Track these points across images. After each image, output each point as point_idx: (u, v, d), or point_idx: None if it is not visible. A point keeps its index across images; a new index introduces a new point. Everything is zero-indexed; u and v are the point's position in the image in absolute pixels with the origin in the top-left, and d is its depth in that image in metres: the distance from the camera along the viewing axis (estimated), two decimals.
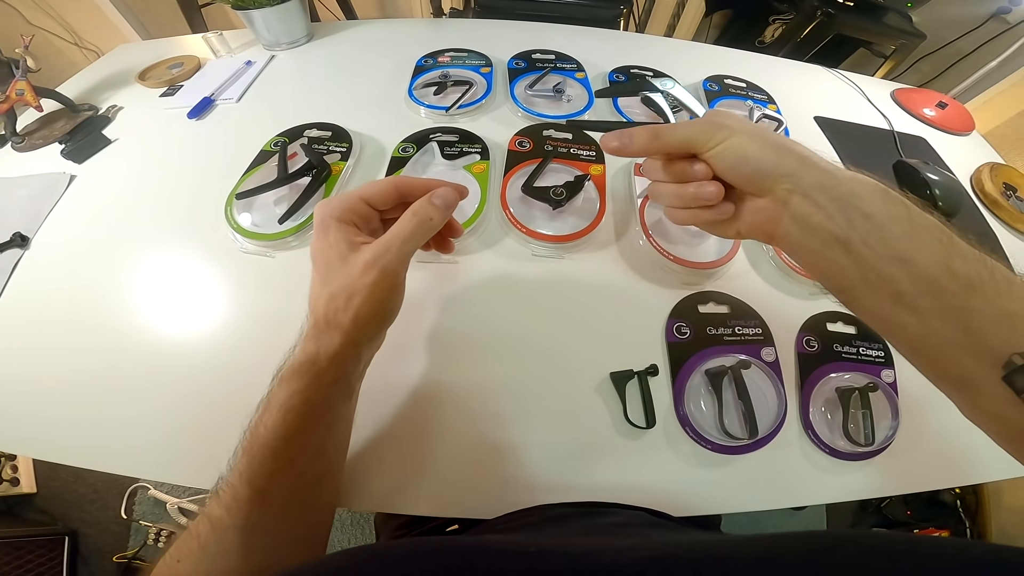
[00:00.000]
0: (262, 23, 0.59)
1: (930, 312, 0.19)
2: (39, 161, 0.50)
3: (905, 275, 0.19)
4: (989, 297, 0.18)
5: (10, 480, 0.91)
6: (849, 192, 0.21)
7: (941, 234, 0.20)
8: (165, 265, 0.41)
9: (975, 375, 0.19)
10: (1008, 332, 0.18)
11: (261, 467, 0.23)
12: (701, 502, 0.31)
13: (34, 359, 0.36)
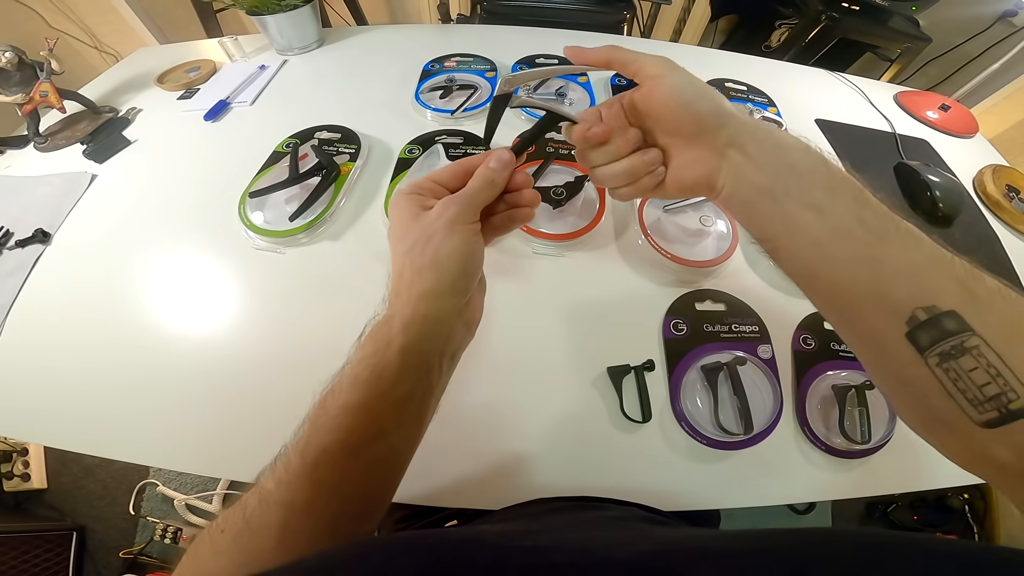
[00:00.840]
0: (275, 28, 0.61)
1: (843, 262, 0.20)
2: (61, 161, 0.52)
3: (821, 224, 0.20)
4: (897, 250, 0.19)
5: (21, 476, 0.93)
6: (776, 144, 0.22)
7: (855, 188, 0.21)
8: (180, 261, 0.42)
9: (882, 331, 0.19)
10: (913, 285, 0.18)
11: (317, 439, 0.22)
12: (696, 496, 0.31)
13: (53, 351, 0.38)
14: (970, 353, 0.17)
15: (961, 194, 0.50)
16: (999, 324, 0.17)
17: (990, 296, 0.18)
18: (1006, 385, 0.16)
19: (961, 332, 0.17)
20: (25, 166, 0.53)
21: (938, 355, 0.17)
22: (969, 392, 0.17)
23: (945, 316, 0.17)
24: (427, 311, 0.23)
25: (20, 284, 0.41)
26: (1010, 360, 0.16)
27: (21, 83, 0.51)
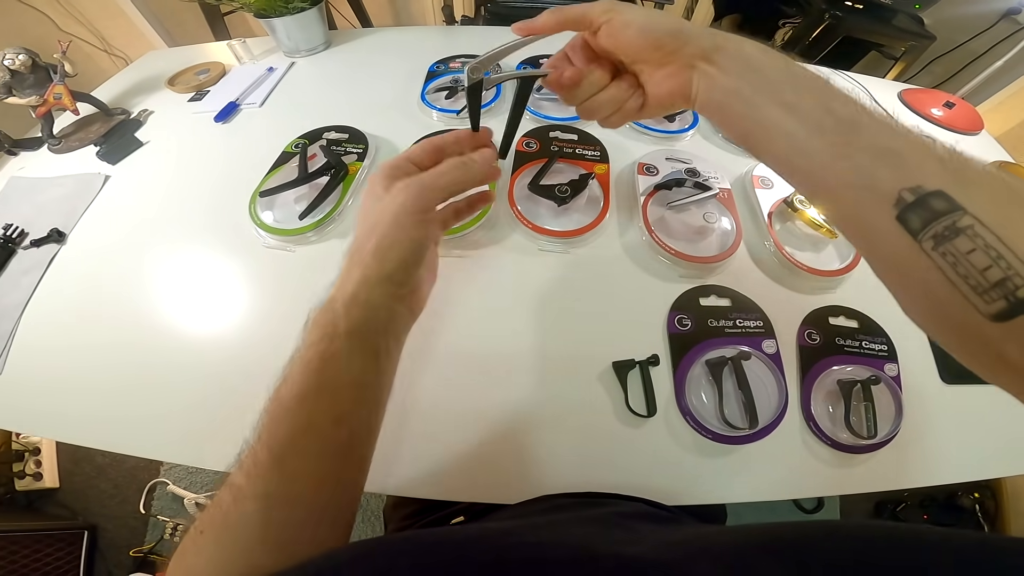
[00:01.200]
0: (283, 31, 0.62)
1: (820, 152, 0.20)
2: (75, 162, 0.54)
3: (792, 118, 0.21)
4: (870, 135, 0.19)
5: (33, 475, 0.94)
6: (739, 50, 0.23)
7: (820, 82, 0.21)
8: (192, 261, 0.43)
9: (871, 218, 0.19)
10: (893, 169, 0.18)
11: (278, 430, 0.22)
12: (701, 491, 0.31)
13: (67, 348, 0.38)
14: (965, 233, 0.16)
15: None
16: (991, 202, 0.16)
17: (977, 176, 0.17)
18: (1009, 268, 0.15)
19: (952, 211, 0.16)
20: (39, 168, 0.54)
21: (932, 238, 0.16)
22: (971, 278, 0.15)
23: (932, 196, 0.16)
24: (367, 297, 0.24)
25: (35, 283, 0.42)
26: (1009, 240, 0.15)
27: (35, 85, 0.52)
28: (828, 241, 0.43)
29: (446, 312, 0.38)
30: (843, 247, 0.43)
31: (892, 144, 0.18)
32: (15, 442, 0.97)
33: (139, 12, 1.04)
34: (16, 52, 0.50)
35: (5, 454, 0.95)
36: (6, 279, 0.43)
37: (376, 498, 0.97)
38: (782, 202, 0.44)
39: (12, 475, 0.94)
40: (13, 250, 0.45)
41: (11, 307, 0.41)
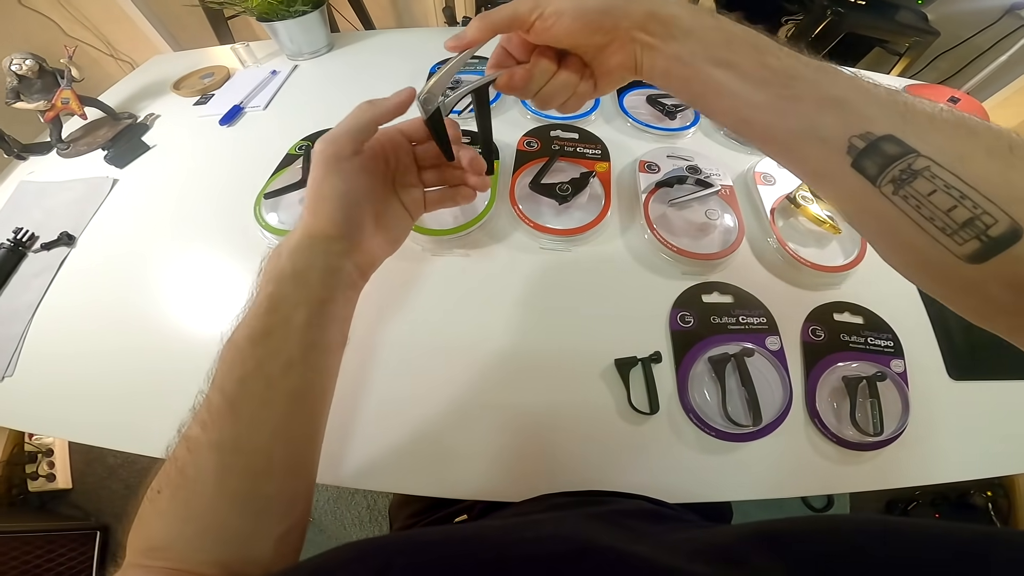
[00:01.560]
0: (285, 34, 0.63)
1: (764, 106, 0.20)
2: (84, 166, 0.54)
3: (732, 76, 0.20)
4: (811, 85, 0.19)
5: (46, 476, 0.95)
6: (670, 15, 0.22)
7: (752, 37, 0.21)
8: (199, 262, 0.44)
9: (828, 167, 0.18)
10: (839, 117, 0.18)
11: (230, 371, 0.22)
12: (704, 488, 0.31)
13: (77, 348, 0.39)
14: (922, 175, 0.15)
15: None
16: (945, 140, 0.16)
17: (926, 116, 0.17)
18: (976, 207, 0.14)
19: (905, 155, 0.16)
20: (49, 172, 0.54)
21: (891, 183, 0.16)
22: (937, 219, 0.15)
23: (883, 140, 0.16)
24: (309, 246, 0.24)
25: (46, 285, 0.43)
26: (969, 177, 0.15)
27: (42, 90, 0.53)
28: (832, 237, 0.43)
29: (448, 311, 0.38)
30: (847, 243, 0.43)
31: (833, 92, 0.18)
32: (28, 444, 0.98)
33: (143, 17, 1.05)
34: (23, 57, 0.51)
35: (18, 455, 0.96)
36: (17, 282, 0.44)
37: (383, 497, 0.98)
38: (784, 198, 0.44)
39: (25, 476, 0.95)
40: (24, 253, 0.46)
41: (22, 309, 0.42)
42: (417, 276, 0.40)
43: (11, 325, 0.41)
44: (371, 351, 0.36)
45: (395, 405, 0.34)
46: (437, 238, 0.41)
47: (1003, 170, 0.15)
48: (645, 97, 0.55)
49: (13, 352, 0.39)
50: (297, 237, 0.25)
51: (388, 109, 0.25)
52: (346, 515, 0.99)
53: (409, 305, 0.38)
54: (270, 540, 0.22)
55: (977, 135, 0.16)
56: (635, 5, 0.23)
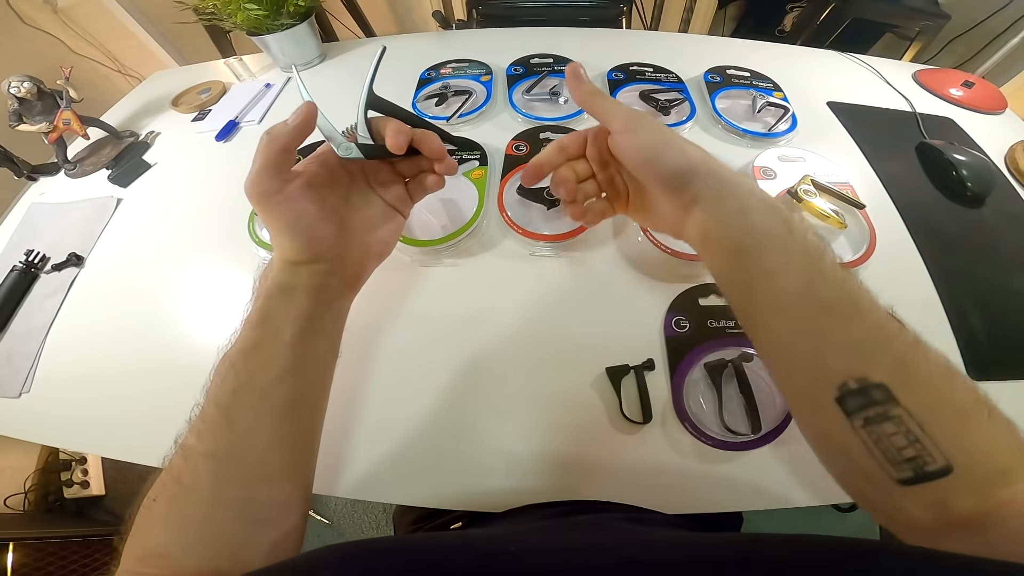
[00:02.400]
0: (276, 47, 0.63)
1: (786, 328, 0.21)
2: (90, 186, 0.56)
3: (772, 287, 0.21)
4: (841, 324, 0.20)
5: (81, 483, 0.99)
6: (740, 207, 0.23)
7: (812, 254, 0.21)
8: (200, 278, 0.44)
9: (813, 392, 0.20)
10: (849, 359, 0.19)
11: (224, 384, 0.23)
12: (701, 500, 0.30)
13: (88, 364, 0.40)
14: (892, 421, 0.18)
15: (991, 172, 0.47)
16: (926, 399, 0.18)
17: (927, 373, 0.19)
18: (923, 450, 0.17)
19: (887, 402, 0.18)
20: (58, 193, 0.56)
21: (863, 419, 0.18)
22: (889, 452, 0.18)
23: (874, 387, 0.18)
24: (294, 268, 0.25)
25: (58, 305, 0.44)
26: (930, 430, 0.17)
27: (43, 112, 0.54)
28: (838, 232, 0.41)
29: (438, 322, 0.38)
30: (855, 237, 0.41)
31: (856, 335, 0.20)
32: (63, 453, 1.02)
33: (147, 33, 1.07)
34: (20, 80, 0.52)
35: (53, 463, 1.01)
36: (31, 303, 0.45)
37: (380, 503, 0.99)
38: (786, 192, 0.42)
39: (61, 483, 0.99)
40: (37, 275, 0.47)
41: (37, 328, 0.43)
42: (407, 288, 0.40)
43: (27, 344, 0.42)
44: (363, 363, 0.36)
45: (387, 417, 0.34)
46: (426, 248, 0.40)
47: (960, 427, 0.18)
48: (638, 93, 0.53)
49: (29, 369, 0.40)
50: (281, 255, 0.26)
51: (291, 135, 0.25)
52: (364, 519, 1.01)
53: (399, 317, 0.38)
54: (265, 547, 0.22)
55: (954, 390, 0.19)
56: (710, 178, 0.23)
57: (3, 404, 0.39)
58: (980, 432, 0.18)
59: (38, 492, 0.97)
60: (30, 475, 0.97)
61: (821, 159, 0.46)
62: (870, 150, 0.50)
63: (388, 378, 0.35)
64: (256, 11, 0.56)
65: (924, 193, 0.46)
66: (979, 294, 0.38)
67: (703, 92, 0.55)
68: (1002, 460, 0.18)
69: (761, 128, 0.50)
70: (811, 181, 0.42)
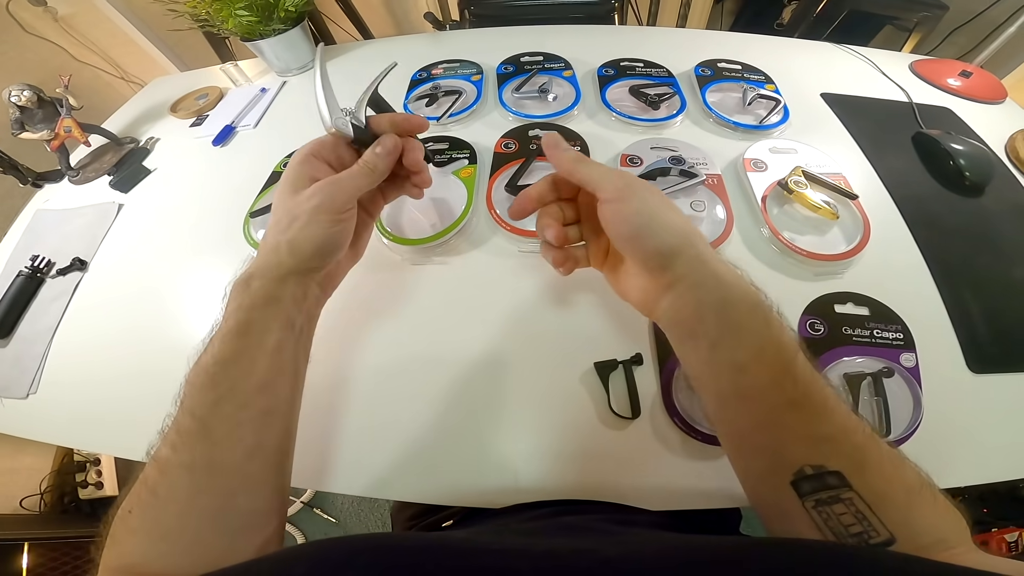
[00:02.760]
0: (271, 52, 0.64)
1: (751, 420, 0.22)
2: (93, 192, 0.57)
3: (742, 381, 0.22)
4: (806, 419, 0.21)
5: (95, 484, 1.01)
6: (722, 299, 0.23)
7: (785, 352, 0.22)
8: (199, 280, 0.45)
9: (768, 474, 0.22)
10: (809, 451, 0.20)
11: (202, 395, 0.23)
12: (690, 495, 0.30)
13: (92, 363, 0.41)
14: (843, 503, 0.19)
15: (990, 161, 0.46)
16: (878, 483, 0.20)
17: (879, 461, 0.20)
18: (869, 526, 0.18)
19: (840, 487, 0.19)
20: (62, 199, 0.57)
21: (815, 501, 0.20)
22: (836, 530, 0.19)
23: (830, 474, 0.19)
24: (286, 275, 0.25)
25: (63, 308, 0.45)
26: (879, 511, 0.19)
27: (45, 120, 0.55)
28: (831, 223, 0.40)
29: (428, 320, 0.38)
30: (849, 228, 0.40)
31: (819, 431, 0.21)
32: (77, 454, 1.04)
33: (147, 40, 1.08)
34: (20, 88, 0.53)
35: (68, 465, 1.03)
36: (37, 307, 0.47)
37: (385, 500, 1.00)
38: (777, 184, 0.42)
39: (76, 485, 1.01)
40: (42, 280, 0.48)
41: (43, 331, 0.44)
42: (397, 287, 0.40)
43: (33, 346, 0.43)
44: (352, 360, 0.36)
45: (374, 413, 0.34)
46: (415, 247, 0.41)
47: (906, 505, 0.19)
48: (628, 88, 0.53)
49: (36, 371, 0.42)
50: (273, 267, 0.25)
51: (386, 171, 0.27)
52: (369, 517, 1.02)
53: (389, 316, 0.39)
54: (248, 554, 0.22)
55: (904, 474, 0.20)
56: (693, 263, 0.23)
57: (11, 405, 0.40)
58: (924, 509, 0.20)
59: (54, 493, 0.99)
60: (45, 476, 0.99)
61: (814, 150, 0.46)
62: (865, 141, 0.49)
63: (373, 375, 0.36)
64: (247, 17, 0.56)
65: (921, 183, 0.45)
66: (979, 285, 0.38)
67: (694, 86, 0.55)
68: (941, 531, 0.19)
69: (752, 120, 0.49)
70: (802, 172, 0.41)
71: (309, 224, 0.25)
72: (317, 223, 0.25)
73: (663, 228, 0.23)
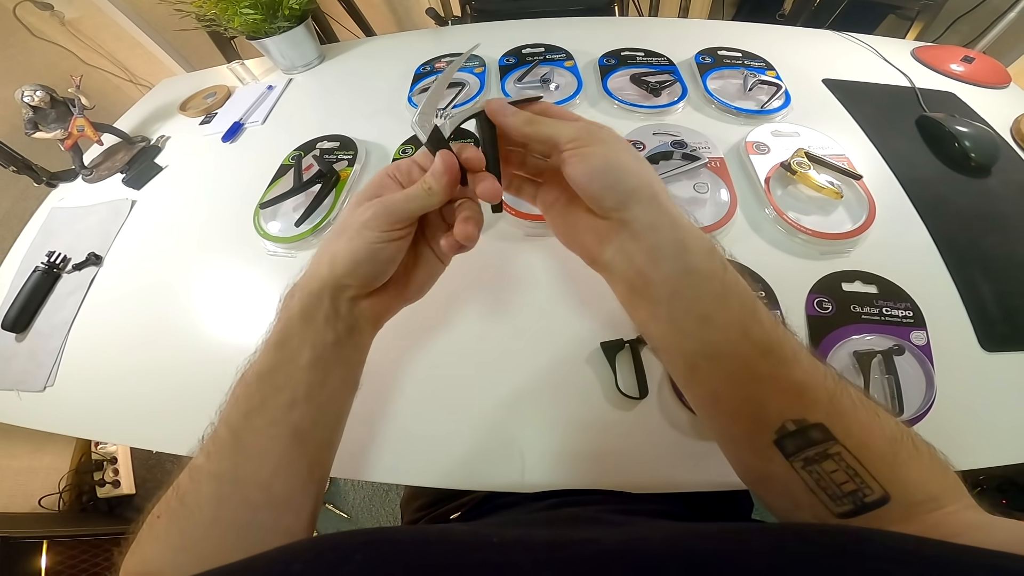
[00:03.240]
0: (276, 50, 0.65)
1: (724, 375, 0.21)
2: (106, 190, 0.58)
3: (706, 332, 0.20)
4: (780, 365, 0.20)
5: (112, 482, 1.03)
6: (678, 241, 0.21)
7: (747, 300, 0.21)
8: (211, 272, 0.46)
9: (751, 437, 0.21)
10: (787, 401, 0.20)
11: (237, 405, 0.23)
12: (699, 475, 0.30)
13: (108, 356, 0.42)
14: (832, 458, 0.19)
15: (995, 143, 0.46)
16: (859, 433, 0.19)
17: (853, 407, 0.20)
18: (862, 483, 0.18)
19: (825, 441, 0.19)
20: (76, 197, 0.59)
21: (803, 459, 0.19)
22: (830, 489, 0.19)
23: (812, 428, 0.19)
24: (320, 292, 0.23)
25: (79, 302, 0.47)
26: (867, 462, 0.18)
27: (58, 120, 0.56)
28: (836, 202, 0.40)
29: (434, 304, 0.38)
30: (854, 207, 0.40)
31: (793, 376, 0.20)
32: (94, 452, 1.06)
33: (153, 42, 1.09)
34: (33, 89, 0.54)
35: (86, 464, 1.04)
36: (54, 301, 0.48)
37: (395, 492, 1.00)
38: (780, 166, 0.42)
39: (94, 483, 1.03)
40: (59, 275, 0.50)
41: (59, 325, 0.45)
42: None
43: (50, 340, 0.44)
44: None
45: (379, 399, 0.34)
46: None
47: (892, 457, 0.19)
48: (628, 76, 0.54)
49: (53, 364, 0.42)
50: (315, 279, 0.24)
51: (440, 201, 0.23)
52: (380, 512, 1.02)
53: None
54: None
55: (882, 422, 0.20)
56: (652, 207, 0.21)
57: (29, 398, 0.41)
58: (909, 461, 0.19)
59: (72, 492, 1.01)
60: (64, 475, 1.01)
61: (816, 133, 0.46)
62: (869, 125, 0.49)
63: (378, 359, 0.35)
64: (252, 15, 0.57)
65: (927, 166, 0.45)
66: (988, 263, 0.37)
67: (694, 73, 0.55)
68: (930, 486, 0.19)
69: (754, 106, 0.50)
70: (805, 154, 0.41)
71: (354, 237, 0.23)
72: (361, 237, 0.23)
73: (622, 169, 0.21)
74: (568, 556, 0.16)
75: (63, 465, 1.03)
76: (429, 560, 0.16)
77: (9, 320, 0.45)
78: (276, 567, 0.16)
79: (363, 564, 0.15)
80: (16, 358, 0.43)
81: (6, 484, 0.92)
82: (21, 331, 0.45)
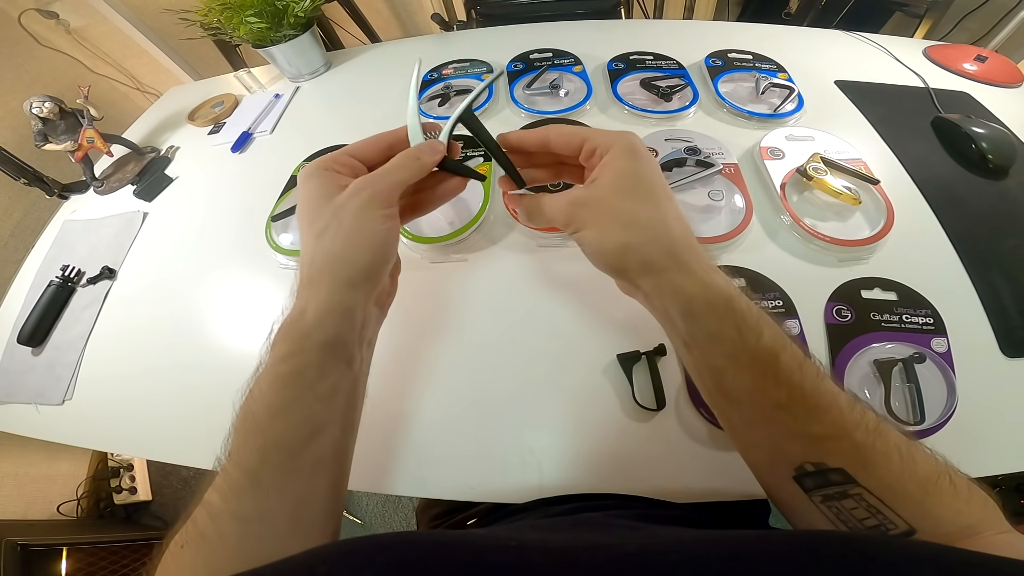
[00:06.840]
0: (282, 58, 0.65)
1: (741, 416, 0.22)
2: (118, 202, 0.58)
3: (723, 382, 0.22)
4: (796, 419, 0.20)
5: (129, 489, 1.04)
6: (683, 306, 0.22)
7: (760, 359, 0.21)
8: (224, 287, 0.46)
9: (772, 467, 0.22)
10: (804, 448, 0.20)
11: (250, 447, 0.21)
12: (718, 487, 0.30)
13: (124, 369, 0.42)
14: (852, 498, 0.19)
15: (1012, 144, 0.45)
16: (887, 478, 0.19)
17: (887, 454, 0.19)
18: (885, 519, 0.18)
19: (845, 483, 0.19)
20: (89, 210, 0.59)
21: (822, 496, 0.19)
22: (851, 524, 0.19)
23: (831, 471, 0.19)
24: (342, 301, 0.22)
25: (95, 316, 0.47)
26: (892, 503, 0.18)
27: (67, 131, 0.56)
28: (853, 209, 0.40)
29: (449, 316, 0.39)
30: (871, 213, 0.40)
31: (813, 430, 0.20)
32: (111, 460, 1.06)
33: (159, 50, 1.09)
34: (42, 100, 0.53)
35: (103, 471, 1.05)
36: (69, 315, 0.48)
37: (408, 498, 1.01)
38: (796, 172, 0.41)
39: (111, 490, 1.04)
40: (73, 289, 0.50)
41: (75, 339, 0.46)
42: (418, 285, 0.41)
43: (67, 354, 0.45)
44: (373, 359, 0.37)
45: (396, 410, 0.34)
46: (434, 245, 0.41)
47: (922, 497, 0.19)
48: (639, 81, 0.53)
49: (71, 378, 0.43)
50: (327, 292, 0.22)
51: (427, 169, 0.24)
52: (394, 518, 1.03)
53: (408, 314, 0.39)
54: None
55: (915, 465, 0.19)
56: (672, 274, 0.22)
57: (48, 411, 0.41)
58: (942, 498, 0.19)
59: (90, 499, 1.02)
60: (81, 482, 1.02)
61: (831, 137, 0.45)
62: (883, 127, 0.48)
63: (392, 371, 0.36)
64: (258, 24, 0.57)
65: (943, 167, 0.45)
66: (1009, 268, 0.37)
67: (705, 77, 0.54)
68: (965, 518, 0.19)
69: (767, 109, 0.49)
70: (821, 159, 0.41)
71: (361, 224, 0.22)
72: (370, 221, 0.21)
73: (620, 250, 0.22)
74: (587, 560, 0.16)
75: (80, 472, 1.04)
76: (449, 563, 0.16)
77: (25, 334, 0.45)
78: (302, 569, 0.16)
79: (385, 567, 0.15)
80: (33, 372, 0.44)
81: (25, 491, 0.93)
82: (37, 345, 0.45)
